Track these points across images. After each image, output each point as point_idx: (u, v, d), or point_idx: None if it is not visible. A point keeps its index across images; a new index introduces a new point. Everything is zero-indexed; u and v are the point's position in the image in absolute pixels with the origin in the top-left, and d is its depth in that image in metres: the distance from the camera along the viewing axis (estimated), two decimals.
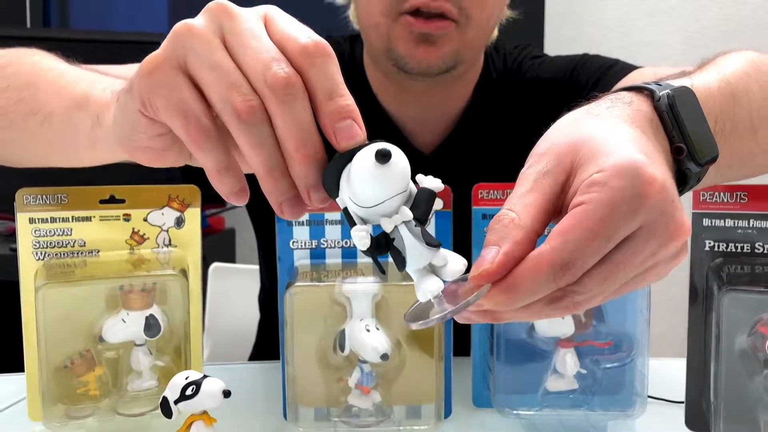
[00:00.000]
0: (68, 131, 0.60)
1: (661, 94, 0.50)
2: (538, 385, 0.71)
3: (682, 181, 0.50)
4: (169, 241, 0.72)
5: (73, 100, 0.60)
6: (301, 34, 0.43)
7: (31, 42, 0.76)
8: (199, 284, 0.72)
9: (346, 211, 0.43)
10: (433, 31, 0.88)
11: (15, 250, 0.70)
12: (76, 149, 0.61)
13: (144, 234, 0.72)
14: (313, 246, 0.71)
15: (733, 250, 0.66)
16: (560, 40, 2.10)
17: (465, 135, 1.01)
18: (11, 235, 1.69)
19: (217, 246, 1.98)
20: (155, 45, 0.46)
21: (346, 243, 0.71)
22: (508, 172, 0.79)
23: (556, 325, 0.69)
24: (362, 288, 0.67)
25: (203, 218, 1.92)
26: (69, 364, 0.68)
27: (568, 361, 0.69)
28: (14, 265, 0.69)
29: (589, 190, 0.40)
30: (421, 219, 0.42)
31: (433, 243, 0.42)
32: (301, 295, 0.67)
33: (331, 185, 0.43)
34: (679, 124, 0.49)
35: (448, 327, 0.71)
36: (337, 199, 0.43)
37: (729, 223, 0.66)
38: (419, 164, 0.46)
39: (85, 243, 0.71)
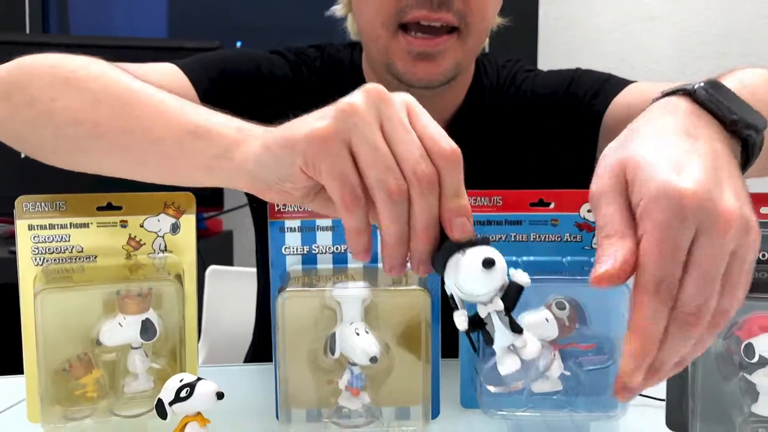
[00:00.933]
0: (181, 155, 0.63)
1: (695, 87, 0.56)
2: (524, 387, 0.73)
3: (748, 151, 0.56)
4: (165, 246, 0.74)
5: (187, 129, 0.62)
6: (442, 138, 0.53)
7: (30, 47, 0.77)
8: (194, 289, 0.74)
9: (452, 296, 0.53)
10: (432, 48, 0.90)
11: (14, 253, 0.71)
12: (187, 171, 0.64)
13: (140, 240, 0.73)
14: (305, 252, 0.73)
15: None
16: (554, 44, 2.11)
17: (458, 140, 1.02)
18: (10, 238, 1.70)
19: (215, 248, 1.98)
20: (154, 50, 0.48)
21: (336, 248, 0.73)
22: (500, 178, 0.81)
23: (540, 328, 0.70)
24: (352, 293, 0.69)
25: (200, 220, 1.93)
26: (67, 367, 0.70)
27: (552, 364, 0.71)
28: (13, 268, 0.71)
29: (642, 224, 0.48)
30: (509, 308, 0.53)
31: (517, 329, 0.53)
32: (292, 300, 0.69)
33: (438, 265, 0.52)
34: (726, 102, 0.56)
35: (436, 330, 0.73)
36: (446, 286, 0.53)
37: None
38: None
39: (82, 249, 0.72)
